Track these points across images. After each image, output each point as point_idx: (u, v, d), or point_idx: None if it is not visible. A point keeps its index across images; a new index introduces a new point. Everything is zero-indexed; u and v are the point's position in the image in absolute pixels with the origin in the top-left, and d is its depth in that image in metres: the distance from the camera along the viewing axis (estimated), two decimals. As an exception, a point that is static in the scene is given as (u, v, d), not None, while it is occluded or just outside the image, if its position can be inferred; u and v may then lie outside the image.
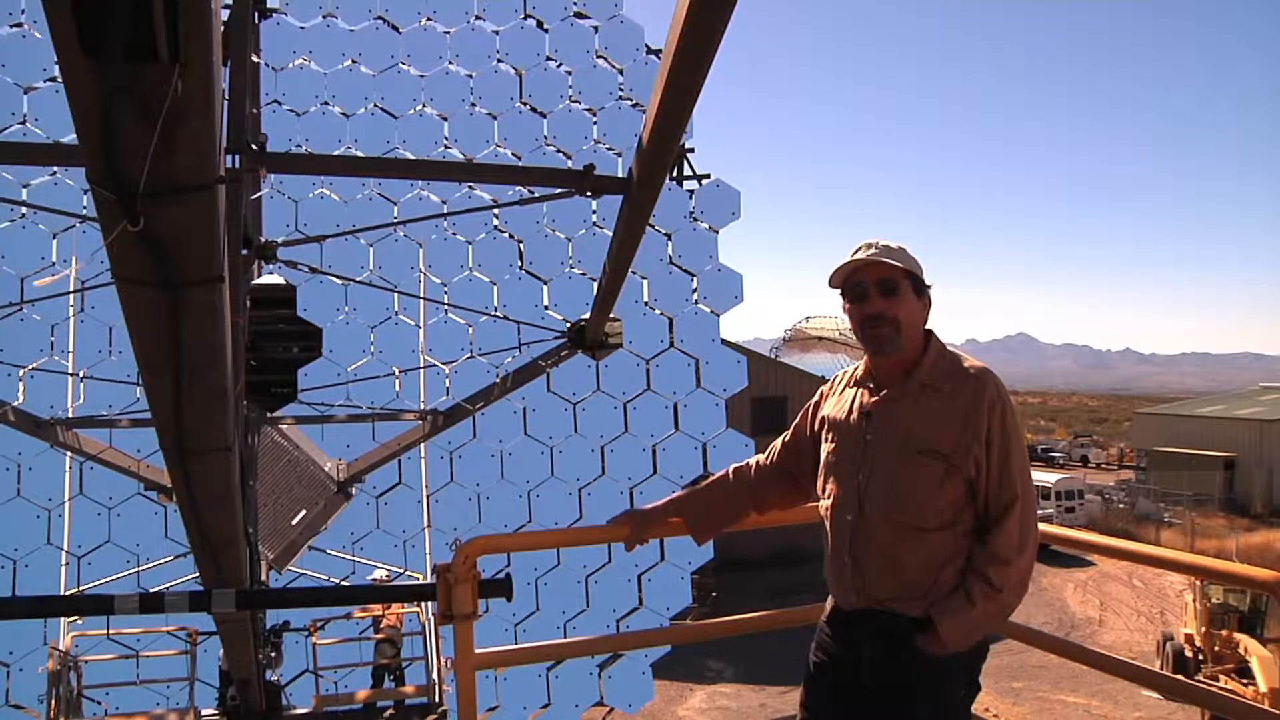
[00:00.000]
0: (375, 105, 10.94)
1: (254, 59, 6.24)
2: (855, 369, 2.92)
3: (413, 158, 10.69)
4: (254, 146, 5.04)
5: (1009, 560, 2.57)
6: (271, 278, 6.03)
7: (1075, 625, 25.88)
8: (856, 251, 2.74)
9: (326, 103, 10.84)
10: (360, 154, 10.48)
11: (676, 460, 10.89)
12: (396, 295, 10.49)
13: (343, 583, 9.37)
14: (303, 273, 6.50)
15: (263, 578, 6.98)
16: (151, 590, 6.81)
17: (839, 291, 2.82)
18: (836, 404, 2.90)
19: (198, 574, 4.52)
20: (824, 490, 2.87)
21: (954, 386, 2.66)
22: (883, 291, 2.70)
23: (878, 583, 2.67)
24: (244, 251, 5.38)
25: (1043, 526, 2.82)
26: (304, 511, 7.42)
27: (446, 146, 11.00)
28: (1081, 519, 38.69)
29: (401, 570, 10.01)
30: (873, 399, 2.77)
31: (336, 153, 10.37)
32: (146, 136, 1.58)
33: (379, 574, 9.58)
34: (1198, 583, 19.49)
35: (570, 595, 10.76)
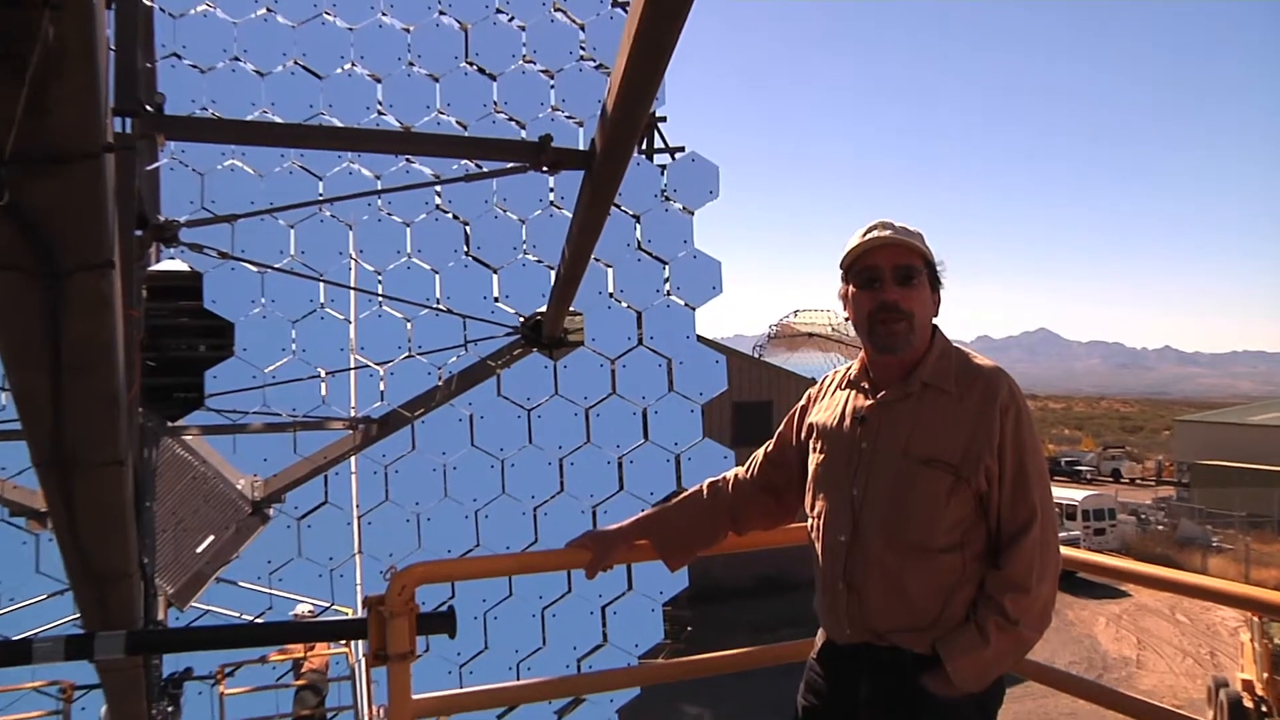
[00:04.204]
0: (296, 62, 10.85)
1: (146, 2, 6.17)
2: (848, 369, 2.94)
3: (340, 125, 10.63)
4: (149, 108, 4.97)
5: (1027, 588, 2.56)
6: (173, 264, 5.99)
7: (1108, 666, 26.20)
8: (870, 230, 2.74)
9: (237, 58, 10.73)
10: (278, 119, 10.40)
11: (646, 474, 10.90)
12: (322, 285, 10.42)
13: (257, 620, 9.30)
14: (210, 258, 6.44)
15: (160, 616, 6.91)
16: (15, 638, 6.64)
17: (842, 276, 2.82)
18: (826, 408, 2.92)
19: (78, 615, 4.46)
20: (813, 507, 2.87)
21: (961, 387, 2.67)
22: (899, 279, 2.70)
23: (877, 613, 2.67)
24: (139, 233, 5.33)
25: (1068, 551, 2.84)
26: (211, 537, 7.38)
27: (380, 113, 10.93)
28: (1114, 542, 39.14)
29: (327, 604, 9.95)
30: (868, 402, 2.79)
31: (250, 118, 10.28)
32: (12, 94, 1.55)
33: (301, 609, 9.51)
34: (1255, 619, 19.41)
35: (524, 631, 10.74)
